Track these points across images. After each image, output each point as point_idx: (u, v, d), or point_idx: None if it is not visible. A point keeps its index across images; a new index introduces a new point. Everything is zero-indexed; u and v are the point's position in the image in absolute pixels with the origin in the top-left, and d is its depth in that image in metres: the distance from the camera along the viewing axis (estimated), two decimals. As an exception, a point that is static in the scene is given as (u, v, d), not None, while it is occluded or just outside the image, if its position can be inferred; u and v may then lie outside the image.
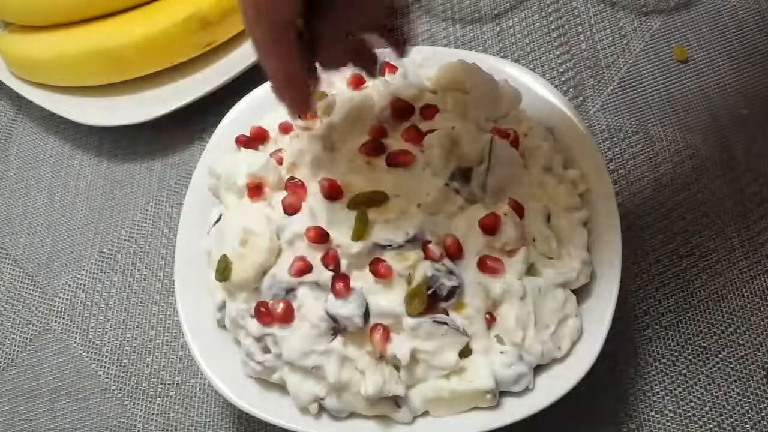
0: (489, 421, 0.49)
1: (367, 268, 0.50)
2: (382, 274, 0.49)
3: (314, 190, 0.52)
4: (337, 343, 0.49)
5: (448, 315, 0.49)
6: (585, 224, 0.54)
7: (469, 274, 0.50)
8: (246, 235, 0.52)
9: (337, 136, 0.54)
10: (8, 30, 0.79)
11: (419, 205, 0.50)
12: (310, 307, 0.50)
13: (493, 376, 0.48)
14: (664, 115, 0.68)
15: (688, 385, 0.57)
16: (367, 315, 0.49)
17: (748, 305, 0.59)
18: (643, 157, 0.66)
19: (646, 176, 0.65)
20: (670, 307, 0.60)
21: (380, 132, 0.54)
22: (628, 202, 0.64)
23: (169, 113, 0.71)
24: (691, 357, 0.58)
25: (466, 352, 0.50)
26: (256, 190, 0.54)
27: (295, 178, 0.53)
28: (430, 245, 0.50)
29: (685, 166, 0.65)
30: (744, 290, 0.60)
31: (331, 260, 0.50)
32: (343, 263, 0.50)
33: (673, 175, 0.65)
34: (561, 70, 0.71)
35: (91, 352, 0.66)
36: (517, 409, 0.49)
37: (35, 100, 0.75)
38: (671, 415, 0.56)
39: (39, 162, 0.76)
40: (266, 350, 0.52)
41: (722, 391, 0.57)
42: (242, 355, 0.53)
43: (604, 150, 0.67)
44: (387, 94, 0.55)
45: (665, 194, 0.64)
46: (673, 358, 0.58)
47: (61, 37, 0.74)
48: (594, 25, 0.73)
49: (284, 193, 0.53)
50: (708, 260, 0.61)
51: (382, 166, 0.52)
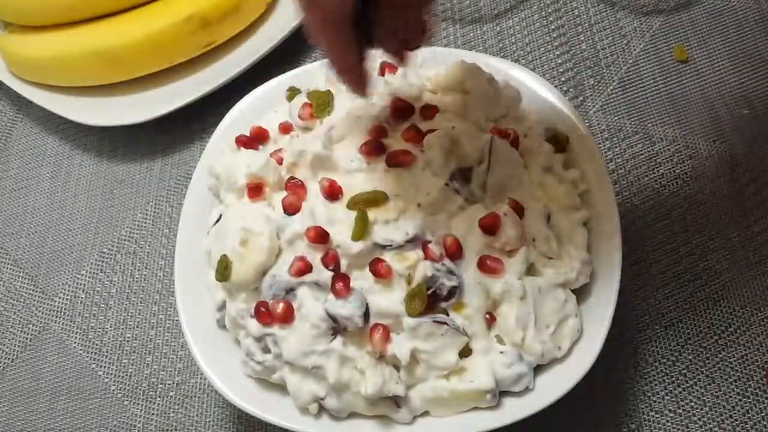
0: (489, 421, 0.49)
1: (367, 268, 0.50)
2: (382, 274, 0.49)
3: (314, 190, 0.52)
4: (337, 343, 0.49)
5: (448, 315, 0.49)
6: (585, 224, 0.54)
7: (469, 274, 0.50)
8: (246, 235, 0.52)
9: (337, 136, 0.54)
10: (8, 30, 0.79)
11: (419, 205, 0.50)
12: (310, 307, 0.50)
13: (493, 376, 0.48)
14: (664, 115, 0.68)
15: (688, 385, 0.57)
16: (367, 315, 0.49)
17: (748, 305, 0.59)
18: (643, 157, 0.66)
19: (646, 176, 0.65)
20: (670, 307, 0.60)
21: (380, 132, 0.54)
22: (628, 202, 0.64)
23: (169, 113, 0.71)
24: (691, 357, 0.58)
25: (466, 352, 0.50)
26: (256, 190, 0.54)
27: (295, 178, 0.53)
28: (430, 245, 0.50)
29: (685, 166, 0.65)
30: (744, 290, 0.60)
31: (331, 260, 0.50)
32: (343, 263, 0.50)
33: (673, 175, 0.65)
34: (561, 70, 0.71)
35: (91, 352, 0.66)
36: (517, 409, 0.49)
37: (35, 100, 0.75)
38: (671, 415, 0.56)
39: (39, 162, 0.76)
40: (266, 350, 0.52)
41: (722, 391, 0.57)
42: (242, 355, 0.53)
43: (604, 150, 0.67)
44: (387, 94, 0.55)
45: (665, 194, 0.64)
46: (673, 358, 0.58)
47: (61, 37, 0.74)
48: (594, 25, 0.73)
49: (284, 193, 0.53)
50: (708, 260, 0.61)
51: (382, 166, 0.52)
